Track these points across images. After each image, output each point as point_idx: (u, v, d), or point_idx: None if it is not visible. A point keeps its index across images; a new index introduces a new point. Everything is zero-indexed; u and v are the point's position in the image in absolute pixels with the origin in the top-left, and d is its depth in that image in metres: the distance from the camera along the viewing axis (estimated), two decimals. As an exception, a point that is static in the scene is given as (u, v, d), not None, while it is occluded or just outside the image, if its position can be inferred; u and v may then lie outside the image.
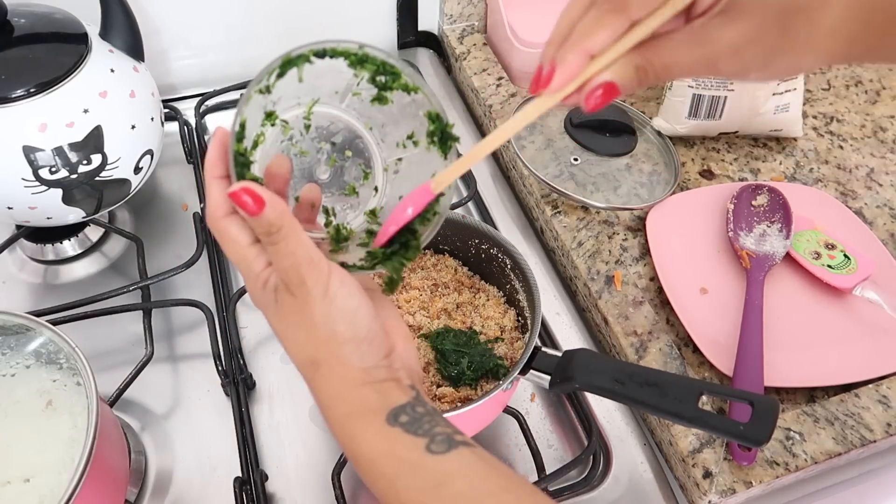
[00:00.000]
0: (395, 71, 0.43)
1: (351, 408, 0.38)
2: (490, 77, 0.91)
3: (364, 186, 0.47)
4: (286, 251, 0.37)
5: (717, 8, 0.35)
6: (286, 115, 0.43)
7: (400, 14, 0.97)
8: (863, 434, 0.60)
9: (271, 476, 0.60)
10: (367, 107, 0.45)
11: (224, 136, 0.39)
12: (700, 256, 0.74)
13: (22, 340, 0.54)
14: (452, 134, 0.43)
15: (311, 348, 0.39)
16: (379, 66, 0.43)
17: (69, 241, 0.75)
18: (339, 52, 0.41)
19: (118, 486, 0.55)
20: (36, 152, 0.62)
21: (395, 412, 0.37)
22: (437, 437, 0.36)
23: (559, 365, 0.53)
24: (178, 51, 0.90)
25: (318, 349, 0.39)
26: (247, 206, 0.36)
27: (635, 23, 0.35)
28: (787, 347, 0.66)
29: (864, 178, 0.84)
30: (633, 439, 0.63)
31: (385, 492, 0.36)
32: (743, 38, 0.35)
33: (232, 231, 0.39)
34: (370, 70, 0.43)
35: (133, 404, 0.65)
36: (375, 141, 0.46)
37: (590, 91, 0.36)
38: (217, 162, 0.39)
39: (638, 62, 0.36)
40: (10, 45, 0.63)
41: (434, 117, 0.43)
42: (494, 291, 0.64)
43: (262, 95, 0.40)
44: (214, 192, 0.38)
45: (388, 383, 0.39)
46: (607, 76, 0.36)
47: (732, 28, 0.35)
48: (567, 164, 0.80)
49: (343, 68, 0.42)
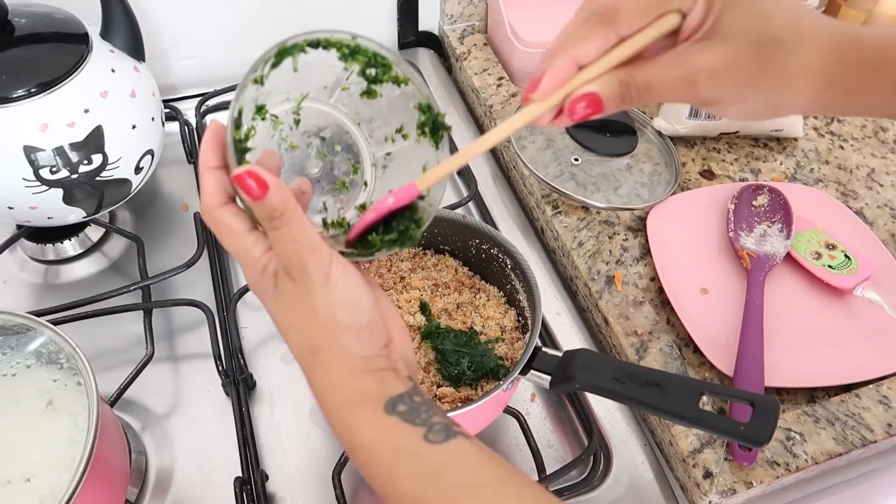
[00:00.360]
0: (387, 62, 0.43)
1: (349, 395, 0.38)
2: (490, 77, 0.91)
3: (354, 181, 0.47)
4: (288, 236, 0.37)
5: (700, 33, 0.37)
6: (275, 110, 0.43)
7: (400, 14, 0.97)
8: (863, 434, 0.60)
9: (272, 476, 0.60)
10: (355, 101, 0.45)
11: (218, 128, 0.39)
12: (700, 256, 0.74)
13: (22, 340, 0.54)
14: (444, 123, 0.43)
15: (310, 335, 0.39)
16: (370, 58, 0.43)
17: (70, 241, 0.75)
18: (332, 43, 0.41)
19: (118, 486, 0.55)
20: (37, 152, 0.62)
21: (392, 401, 0.37)
22: (435, 427, 0.36)
23: (559, 365, 0.53)
24: (179, 51, 0.90)
25: (318, 336, 0.39)
26: (251, 190, 0.36)
27: (623, 39, 0.37)
28: (787, 347, 0.66)
29: (864, 178, 0.84)
30: (633, 439, 0.63)
31: (382, 480, 0.36)
32: (721, 63, 0.37)
33: (228, 220, 0.39)
34: (361, 62, 0.43)
35: (133, 404, 0.65)
36: (364, 136, 0.47)
37: (575, 100, 0.38)
38: (211, 153, 0.39)
39: (622, 77, 0.38)
40: (11, 45, 0.63)
41: (425, 108, 0.43)
42: (495, 291, 0.64)
43: (255, 86, 0.40)
44: (209, 182, 0.39)
45: (386, 372, 0.39)
46: (592, 87, 0.37)
47: (712, 52, 0.37)
48: (568, 164, 0.80)
49: (333, 62, 0.42)
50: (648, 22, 0.37)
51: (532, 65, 0.90)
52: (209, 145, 0.39)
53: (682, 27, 0.38)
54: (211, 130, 0.39)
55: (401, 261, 0.65)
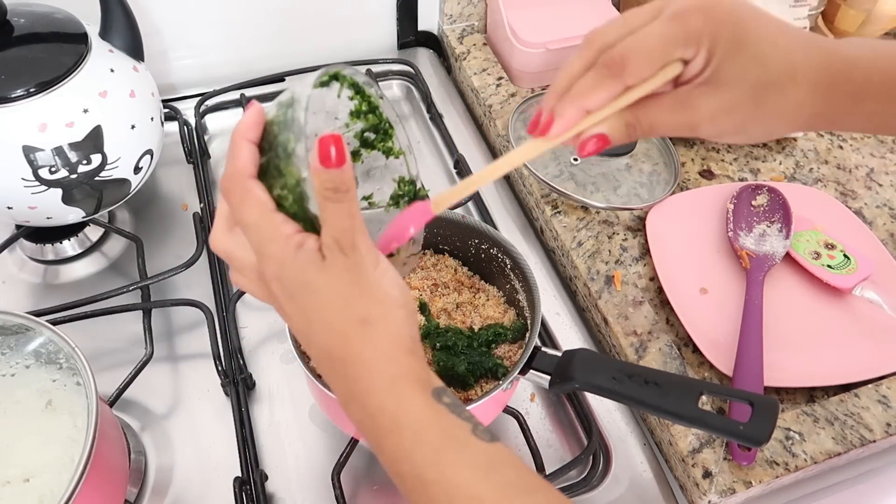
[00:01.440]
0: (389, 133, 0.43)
1: (403, 370, 0.38)
2: (490, 77, 0.91)
3: None
4: (349, 212, 0.37)
5: (701, 78, 0.40)
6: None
7: (400, 14, 0.97)
8: (862, 434, 0.60)
9: (271, 476, 0.60)
10: None
11: (261, 109, 0.39)
12: (700, 256, 0.74)
13: (22, 340, 0.54)
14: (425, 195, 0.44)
15: (362, 305, 0.38)
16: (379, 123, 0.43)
17: (69, 241, 0.74)
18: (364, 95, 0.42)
19: (118, 486, 0.55)
20: (36, 152, 0.62)
21: (437, 391, 0.37)
22: (479, 427, 0.37)
23: (559, 365, 0.53)
24: (178, 51, 0.90)
25: (371, 307, 0.38)
26: (330, 158, 0.35)
27: (629, 87, 0.40)
28: (786, 347, 0.66)
29: (863, 178, 0.84)
30: (632, 439, 0.64)
31: (425, 462, 0.36)
32: (721, 108, 0.40)
33: (258, 192, 0.38)
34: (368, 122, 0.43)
35: (133, 404, 0.65)
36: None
37: (584, 140, 0.41)
38: (253, 126, 0.39)
39: (628, 119, 0.41)
40: (10, 45, 0.63)
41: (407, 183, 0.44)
42: (494, 291, 0.64)
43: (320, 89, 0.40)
44: (245, 151, 0.39)
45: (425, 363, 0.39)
46: (601, 129, 0.41)
47: (713, 98, 0.40)
48: (567, 164, 0.80)
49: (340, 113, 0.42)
50: (654, 72, 0.39)
51: (531, 64, 0.90)
52: (252, 119, 0.39)
53: (684, 72, 0.40)
54: (255, 108, 0.39)
55: (400, 261, 0.65)
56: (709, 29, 0.39)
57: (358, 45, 0.98)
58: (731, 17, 0.39)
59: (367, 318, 0.38)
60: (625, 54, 0.39)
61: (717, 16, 0.39)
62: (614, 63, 0.39)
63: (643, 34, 0.39)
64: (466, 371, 0.57)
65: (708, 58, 0.39)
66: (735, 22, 0.39)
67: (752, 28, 0.40)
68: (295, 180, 0.37)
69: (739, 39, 0.39)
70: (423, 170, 0.83)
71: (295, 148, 0.37)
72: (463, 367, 0.57)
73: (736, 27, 0.39)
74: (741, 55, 0.39)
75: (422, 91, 0.93)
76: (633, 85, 0.39)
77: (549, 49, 0.88)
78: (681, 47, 0.39)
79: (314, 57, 0.93)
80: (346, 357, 0.38)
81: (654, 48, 0.39)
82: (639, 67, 0.39)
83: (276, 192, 0.38)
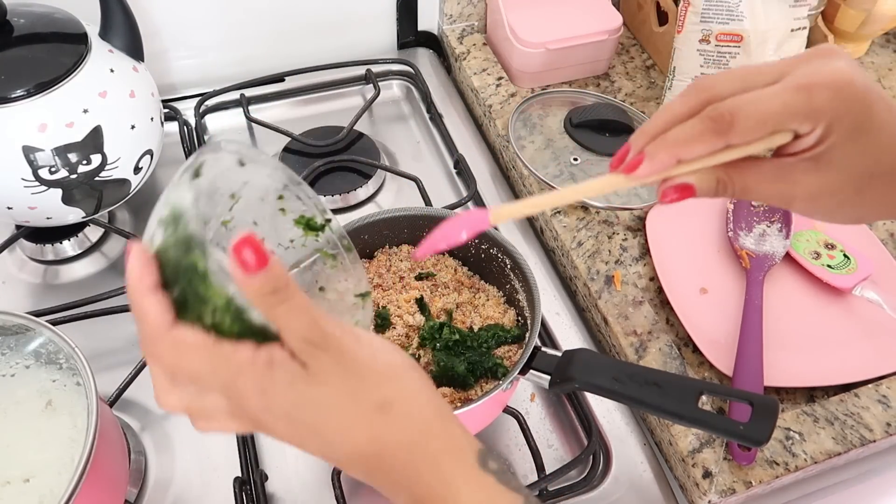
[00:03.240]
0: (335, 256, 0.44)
1: (441, 443, 0.34)
2: (490, 77, 0.91)
3: None
4: (300, 306, 0.32)
5: (809, 154, 0.38)
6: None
7: (400, 14, 0.97)
8: (862, 434, 0.60)
9: (271, 476, 0.60)
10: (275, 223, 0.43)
11: (141, 246, 0.34)
12: (700, 256, 0.74)
13: (22, 340, 0.54)
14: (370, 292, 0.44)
15: (373, 392, 0.34)
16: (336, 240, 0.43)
17: (69, 241, 0.74)
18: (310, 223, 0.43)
19: (118, 487, 0.55)
20: (36, 152, 0.62)
21: (482, 455, 0.35)
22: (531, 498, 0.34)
23: (559, 365, 0.53)
24: (178, 51, 0.90)
25: (382, 388, 0.34)
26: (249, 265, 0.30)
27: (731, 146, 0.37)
28: (786, 347, 0.66)
29: (863, 177, 0.84)
30: (632, 439, 0.64)
31: None
32: (823, 189, 0.38)
33: (192, 337, 0.33)
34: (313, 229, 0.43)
35: (133, 404, 0.65)
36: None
37: (670, 188, 0.39)
38: (145, 271, 0.33)
39: (721, 176, 0.38)
40: (10, 45, 0.63)
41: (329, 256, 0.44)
42: (494, 291, 0.64)
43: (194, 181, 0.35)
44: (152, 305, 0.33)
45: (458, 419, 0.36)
46: (690, 179, 0.38)
47: (817, 177, 0.38)
48: (567, 164, 0.80)
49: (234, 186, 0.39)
50: (763, 138, 0.37)
51: (531, 65, 0.90)
52: (140, 263, 0.33)
53: (793, 144, 0.38)
54: (136, 250, 0.33)
55: (400, 261, 0.65)
56: (833, 108, 0.36)
57: (358, 45, 0.98)
58: (859, 101, 0.36)
59: (383, 401, 0.34)
60: (735, 113, 0.36)
61: (846, 97, 0.36)
62: (722, 119, 0.36)
63: (761, 96, 0.36)
64: (466, 371, 0.57)
65: (823, 136, 0.37)
66: (861, 109, 0.37)
67: (876, 115, 0.37)
68: (224, 300, 0.32)
69: (861, 126, 0.37)
70: (423, 170, 0.83)
71: (207, 266, 0.32)
72: (463, 367, 0.57)
73: (861, 113, 0.37)
74: (858, 142, 0.37)
75: (422, 91, 0.93)
76: (735, 145, 0.37)
77: (549, 49, 0.88)
78: (799, 120, 0.36)
79: (314, 57, 0.93)
80: (379, 451, 0.34)
81: (770, 114, 0.36)
82: (748, 129, 0.36)
83: (207, 322, 0.32)
